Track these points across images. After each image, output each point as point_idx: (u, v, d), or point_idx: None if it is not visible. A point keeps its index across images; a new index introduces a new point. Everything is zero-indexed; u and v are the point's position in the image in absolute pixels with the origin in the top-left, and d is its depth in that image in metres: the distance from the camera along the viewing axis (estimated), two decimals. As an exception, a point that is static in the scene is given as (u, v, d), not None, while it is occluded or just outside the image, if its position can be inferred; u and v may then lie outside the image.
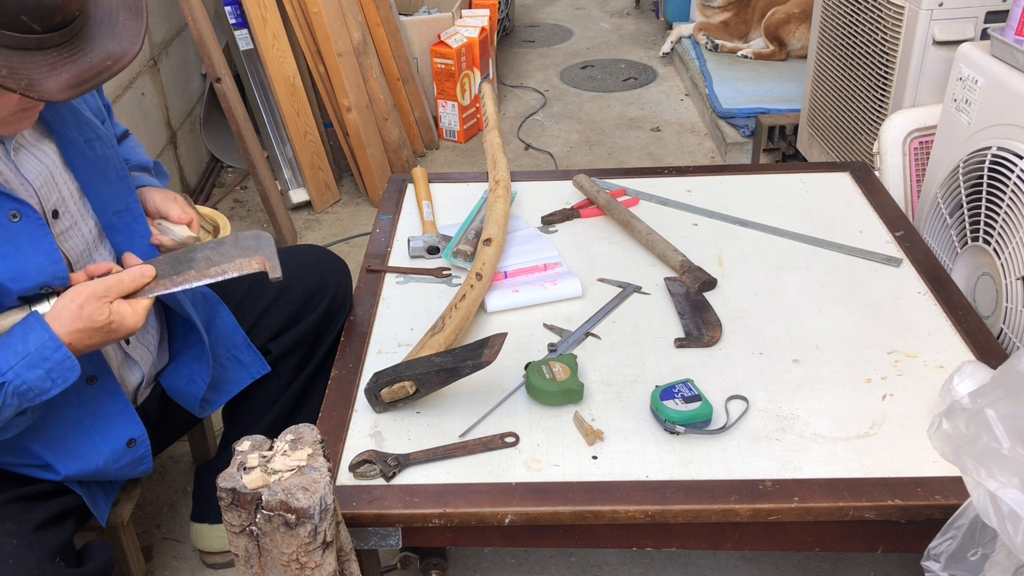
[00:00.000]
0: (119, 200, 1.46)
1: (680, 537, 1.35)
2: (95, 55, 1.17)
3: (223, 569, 1.91)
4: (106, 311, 1.27)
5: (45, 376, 1.23)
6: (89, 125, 1.43)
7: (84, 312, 1.25)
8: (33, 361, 1.22)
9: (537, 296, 1.74)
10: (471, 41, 3.72)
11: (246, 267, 1.38)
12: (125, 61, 1.19)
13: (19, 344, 1.23)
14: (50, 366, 1.23)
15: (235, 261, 1.38)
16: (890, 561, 1.85)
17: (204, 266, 1.37)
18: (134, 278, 1.32)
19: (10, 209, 1.28)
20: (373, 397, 1.46)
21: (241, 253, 1.39)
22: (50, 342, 1.23)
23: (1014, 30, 1.90)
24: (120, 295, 1.30)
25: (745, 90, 3.72)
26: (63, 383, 1.26)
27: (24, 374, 1.22)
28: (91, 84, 1.16)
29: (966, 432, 1.23)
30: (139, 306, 1.31)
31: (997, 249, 1.87)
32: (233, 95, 2.93)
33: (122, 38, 1.20)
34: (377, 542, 1.34)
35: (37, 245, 1.30)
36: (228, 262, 1.38)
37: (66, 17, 1.14)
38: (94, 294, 1.27)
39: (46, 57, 1.13)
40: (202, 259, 1.38)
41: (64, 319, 1.25)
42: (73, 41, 1.16)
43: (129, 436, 1.47)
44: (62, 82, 1.13)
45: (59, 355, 1.24)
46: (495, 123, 2.21)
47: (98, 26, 1.19)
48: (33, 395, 1.24)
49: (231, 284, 1.72)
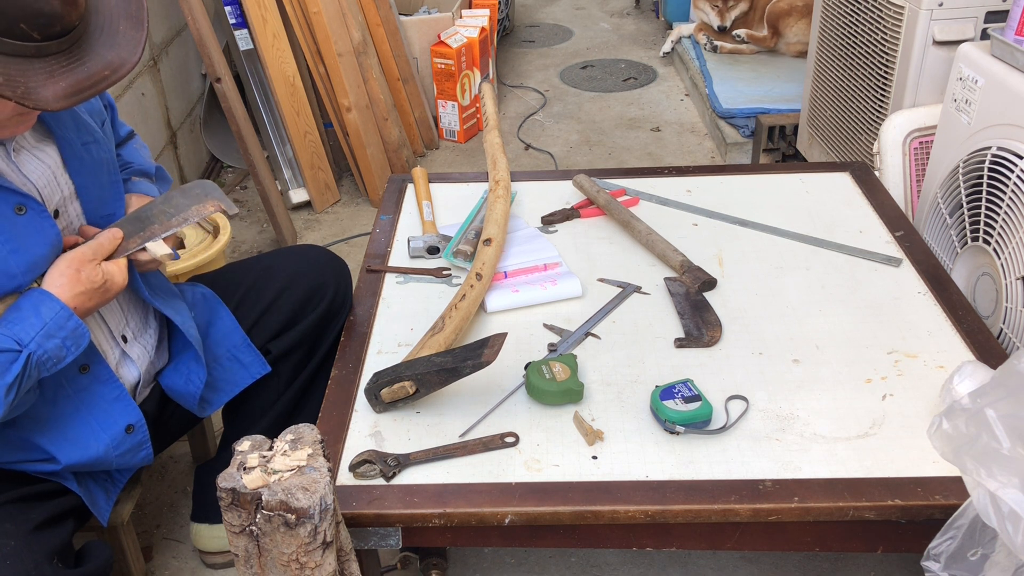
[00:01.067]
0: (108, 204, 1.48)
1: (680, 537, 1.35)
2: (93, 64, 1.17)
3: (223, 569, 1.91)
4: (99, 272, 1.34)
5: (61, 345, 1.29)
6: (87, 128, 1.44)
7: (82, 275, 1.31)
8: (51, 331, 1.27)
9: (537, 296, 1.74)
10: (471, 41, 3.72)
11: (203, 211, 1.43)
12: (124, 71, 1.19)
13: (33, 316, 1.26)
14: (65, 334, 1.29)
15: (191, 209, 1.43)
16: (890, 561, 1.85)
17: (164, 218, 1.42)
18: (110, 240, 1.38)
19: (15, 203, 1.29)
20: (373, 397, 1.46)
21: (193, 201, 1.44)
22: (62, 311, 1.29)
23: (1014, 30, 1.90)
24: (104, 256, 1.36)
25: (745, 90, 3.72)
26: (76, 350, 1.31)
27: (45, 344, 1.27)
28: (88, 93, 1.16)
29: (966, 432, 1.23)
30: (121, 264, 1.38)
31: (997, 249, 1.87)
32: (233, 95, 2.93)
33: (121, 47, 1.20)
34: (377, 542, 1.34)
35: (43, 237, 1.32)
36: (185, 211, 1.42)
37: (65, 26, 1.14)
38: (84, 257, 1.33)
39: (44, 65, 1.13)
40: (159, 214, 1.42)
41: (65, 285, 1.30)
42: (72, 50, 1.16)
43: (127, 422, 1.48)
44: (59, 91, 1.13)
45: (72, 323, 1.30)
46: (495, 123, 2.21)
47: (98, 35, 1.19)
48: (51, 364, 1.29)
49: (231, 284, 1.74)
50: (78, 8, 1.15)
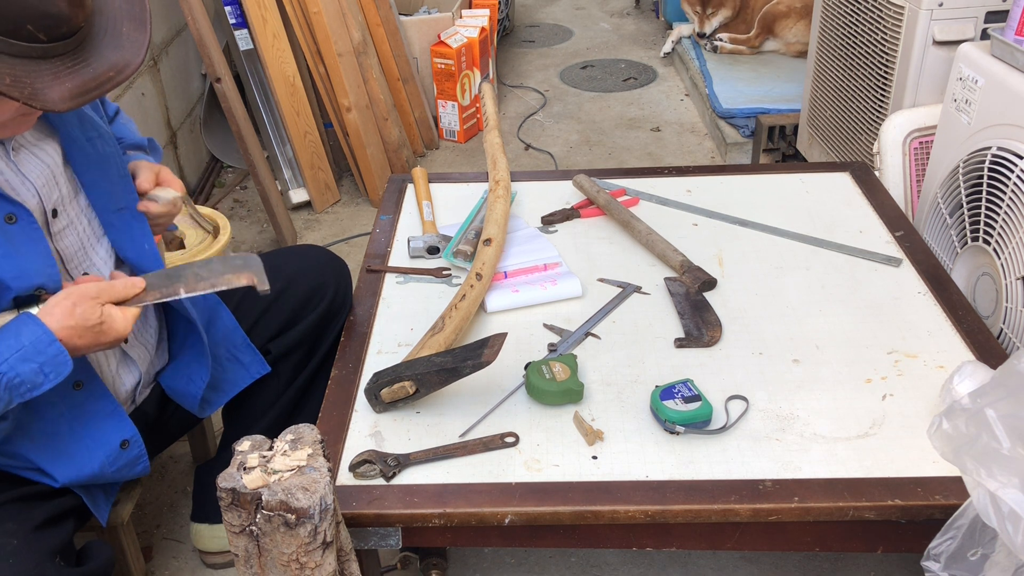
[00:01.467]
0: (119, 198, 1.46)
1: (680, 537, 1.35)
2: (98, 65, 1.17)
3: (223, 569, 1.91)
4: (98, 311, 1.28)
5: (39, 370, 1.24)
6: (91, 123, 1.44)
7: (77, 310, 1.26)
8: (27, 354, 1.22)
9: (537, 296, 1.74)
10: (471, 41, 3.72)
11: (234, 282, 1.40)
12: (128, 72, 1.20)
13: (12, 338, 1.23)
14: (44, 360, 1.24)
15: (223, 277, 1.40)
16: (890, 561, 1.85)
17: (193, 281, 1.39)
18: (125, 287, 1.33)
19: (6, 212, 1.28)
20: (373, 397, 1.46)
21: (229, 270, 1.42)
22: (44, 336, 1.24)
23: (1014, 30, 1.90)
24: (111, 300, 1.31)
25: (745, 90, 3.72)
26: (56, 377, 1.26)
27: (18, 367, 1.22)
28: (94, 94, 1.16)
29: (966, 432, 1.23)
30: (128, 313, 1.32)
31: (997, 249, 1.87)
32: (233, 95, 2.93)
33: (125, 49, 1.20)
34: (377, 542, 1.34)
35: (33, 247, 1.31)
36: (216, 277, 1.40)
37: (71, 27, 1.14)
38: (87, 294, 1.28)
39: (50, 66, 1.13)
40: (191, 275, 1.40)
41: (56, 315, 1.26)
42: (77, 51, 1.16)
43: (121, 438, 1.46)
44: (64, 92, 1.13)
45: (52, 349, 1.24)
46: (495, 123, 2.21)
47: (102, 36, 1.19)
48: (25, 389, 1.24)
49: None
50: (84, 10, 1.16)
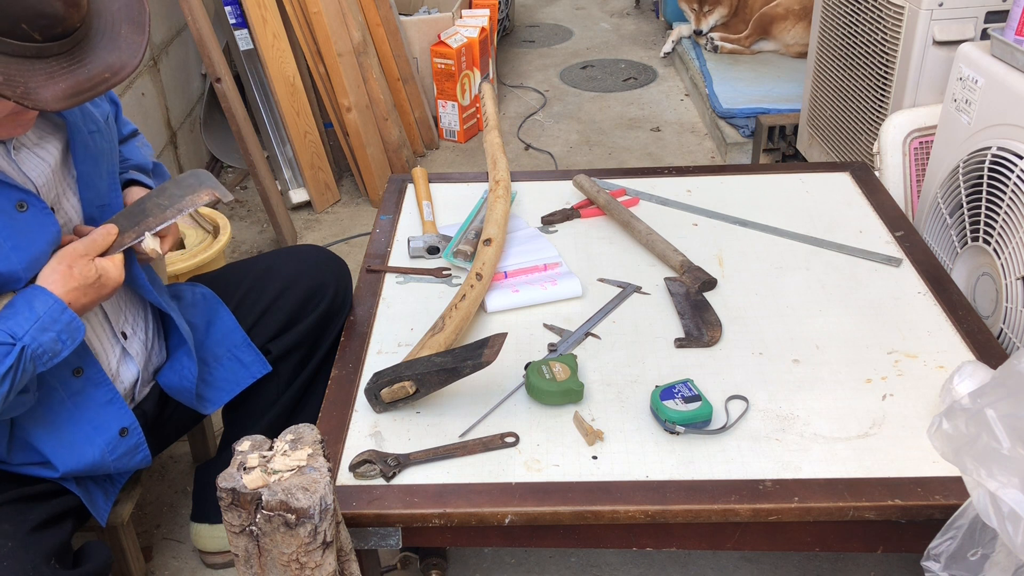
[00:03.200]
0: (105, 194, 1.48)
1: (680, 537, 1.35)
2: (94, 66, 1.18)
3: (223, 569, 1.91)
4: (92, 267, 1.33)
5: (56, 338, 1.29)
6: (92, 118, 1.45)
7: (74, 271, 1.31)
8: (44, 324, 1.27)
9: (537, 296, 1.74)
10: (471, 41, 3.72)
11: (198, 201, 1.42)
12: (124, 74, 1.20)
13: (26, 311, 1.27)
14: (60, 327, 1.29)
15: (186, 199, 1.42)
16: (890, 561, 1.85)
17: (159, 211, 1.41)
18: (104, 236, 1.37)
19: (17, 199, 1.30)
20: (373, 397, 1.46)
21: (187, 191, 1.43)
22: (55, 305, 1.28)
23: (1014, 30, 1.90)
24: (98, 253, 1.35)
25: (745, 90, 3.72)
26: (72, 344, 1.31)
27: (39, 337, 1.26)
28: (88, 95, 1.17)
29: (966, 432, 1.23)
30: (117, 260, 1.37)
31: (997, 249, 1.87)
32: (233, 95, 2.93)
33: (122, 51, 1.21)
34: (377, 542, 1.34)
35: (44, 233, 1.33)
36: (179, 201, 1.42)
37: (67, 28, 1.14)
38: (76, 253, 1.32)
39: (45, 66, 1.13)
40: (153, 206, 1.42)
41: (58, 281, 1.30)
42: (73, 51, 1.16)
43: (120, 425, 1.48)
44: (58, 92, 1.14)
45: (66, 316, 1.30)
46: (495, 123, 2.21)
47: (99, 38, 1.20)
48: (47, 358, 1.29)
49: (231, 284, 1.74)
50: (80, 10, 1.16)
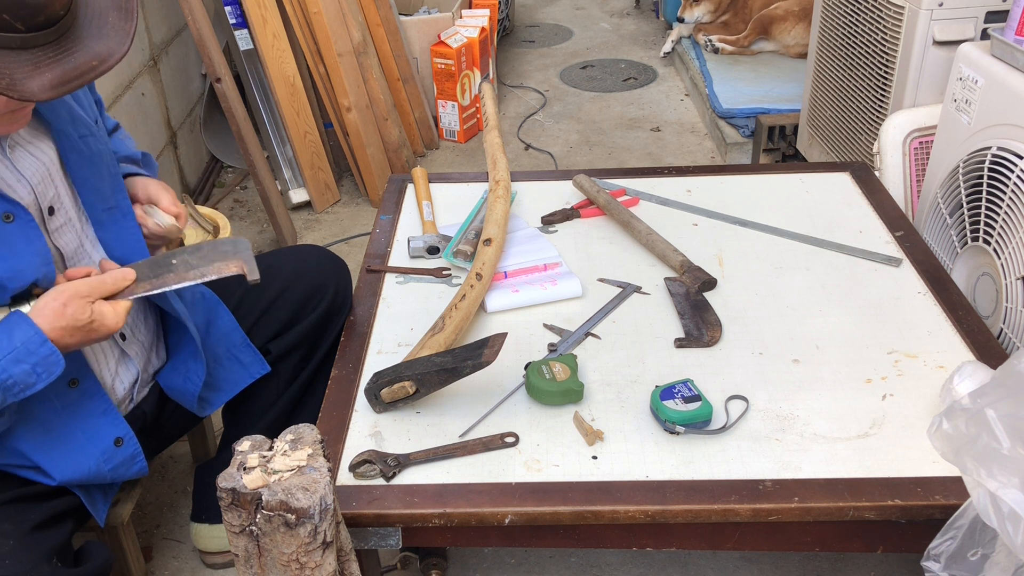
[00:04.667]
0: (110, 197, 1.46)
1: (680, 537, 1.35)
2: (81, 55, 1.16)
3: (223, 569, 1.91)
4: (88, 311, 1.28)
5: (31, 371, 1.24)
6: (83, 122, 1.43)
7: (67, 311, 1.26)
8: (19, 356, 1.23)
9: (537, 296, 1.74)
10: (471, 41, 3.72)
11: (224, 270, 1.40)
12: (111, 62, 1.19)
13: (4, 340, 1.23)
14: (36, 360, 1.24)
15: (213, 264, 1.40)
16: (890, 561, 1.85)
17: (183, 269, 1.39)
18: (115, 280, 1.33)
19: (3, 210, 1.28)
20: (373, 397, 1.46)
21: (219, 257, 1.41)
22: (35, 337, 1.24)
23: (1014, 30, 1.90)
24: (102, 296, 1.31)
25: (745, 90, 3.72)
26: (48, 377, 1.26)
27: (10, 368, 1.23)
28: (75, 84, 1.15)
29: (966, 432, 1.23)
30: (119, 307, 1.33)
31: (997, 249, 1.87)
32: (233, 95, 2.93)
33: (110, 39, 1.19)
34: (377, 542, 1.34)
35: (31, 246, 1.31)
36: (206, 265, 1.40)
37: (49, 17, 1.13)
38: (77, 293, 1.28)
39: (30, 56, 1.12)
40: (180, 263, 1.40)
41: (47, 316, 1.26)
42: (59, 41, 1.15)
43: (115, 435, 1.46)
44: (44, 82, 1.13)
45: (44, 350, 1.25)
46: (495, 123, 2.21)
47: (87, 26, 1.18)
48: (18, 390, 1.25)
49: (231, 284, 1.73)
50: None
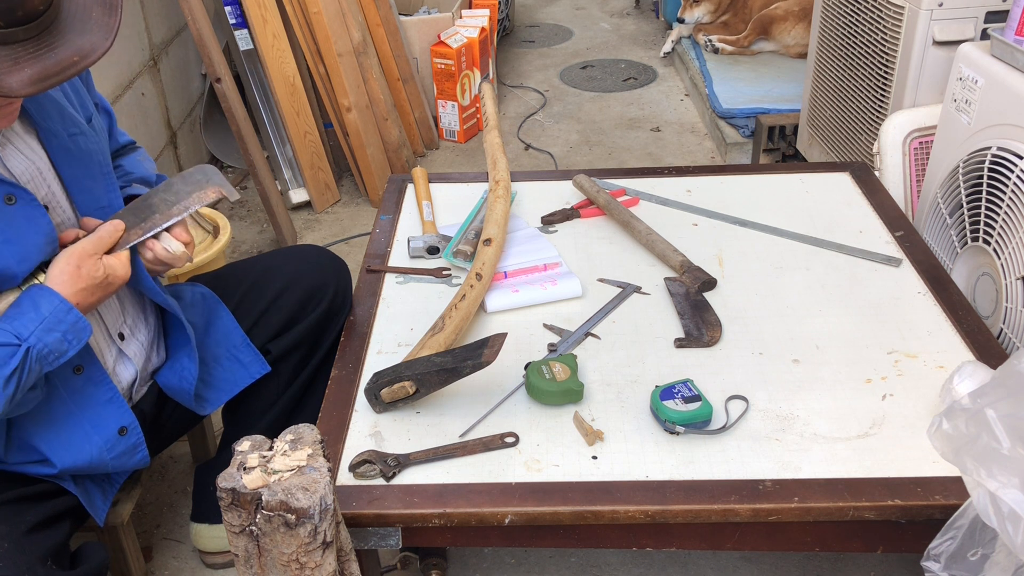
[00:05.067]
0: (102, 196, 1.47)
1: (680, 537, 1.35)
2: (62, 51, 1.16)
3: (223, 569, 1.91)
4: (100, 266, 1.33)
5: (62, 338, 1.29)
6: (73, 121, 1.43)
7: (82, 271, 1.31)
8: (50, 325, 1.27)
9: (537, 296, 1.74)
10: (471, 41, 3.72)
11: (204, 198, 1.42)
12: (93, 57, 1.19)
13: (32, 312, 1.27)
14: (65, 328, 1.29)
15: (192, 196, 1.42)
16: (890, 561, 1.85)
17: (165, 207, 1.41)
18: (111, 232, 1.37)
19: (5, 192, 1.29)
20: (373, 397, 1.46)
21: (194, 188, 1.43)
22: (61, 305, 1.29)
23: (1014, 30, 1.90)
24: (104, 250, 1.35)
25: (745, 90, 3.72)
26: (78, 343, 1.32)
27: (45, 338, 1.27)
28: (56, 80, 1.16)
29: (966, 432, 1.23)
30: (123, 257, 1.38)
31: (997, 249, 1.87)
32: (233, 95, 2.93)
33: (93, 34, 1.19)
34: (377, 542, 1.34)
35: (35, 226, 1.32)
36: (186, 198, 1.42)
37: (29, 12, 1.13)
38: (84, 252, 1.32)
39: (10, 52, 1.12)
40: (160, 202, 1.42)
41: (66, 281, 1.30)
42: (41, 36, 1.15)
43: (120, 424, 1.47)
44: (24, 78, 1.13)
45: (72, 317, 1.30)
46: (495, 123, 2.21)
47: (70, 21, 1.18)
48: (53, 358, 1.29)
49: (231, 284, 1.74)
50: None
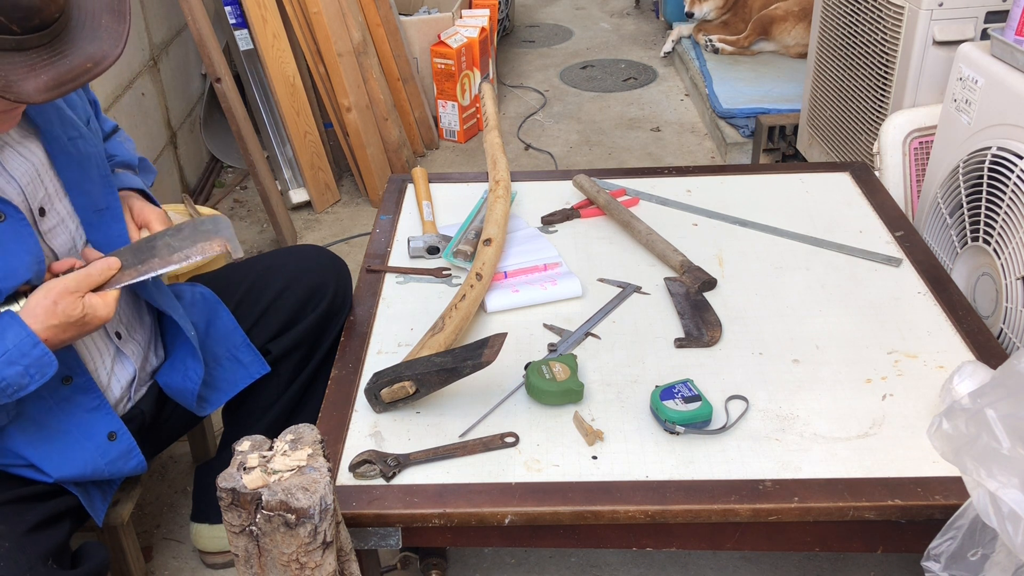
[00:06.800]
0: (100, 199, 1.46)
1: (680, 537, 1.35)
2: (75, 57, 1.17)
3: (223, 569, 1.91)
4: (79, 305, 1.29)
5: (24, 372, 1.25)
6: (72, 124, 1.43)
7: (58, 308, 1.27)
8: (12, 358, 1.24)
9: (537, 296, 1.74)
10: (471, 41, 3.72)
11: (207, 250, 1.39)
12: (105, 64, 1.19)
13: None
14: (28, 362, 1.25)
15: (196, 245, 1.39)
16: (890, 561, 1.85)
17: (166, 253, 1.38)
18: (101, 271, 1.33)
19: None
20: (373, 397, 1.46)
21: (201, 237, 1.40)
22: (27, 339, 1.25)
23: (1014, 30, 1.90)
24: (90, 288, 1.32)
25: (745, 90, 3.72)
26: (41, 378, 1.27)
27: (3, 371, 1.23)
28: (70, 86, 1.16)
29: (966, 432, 1.23)
30: (109, 297, 1.33)
31: (997, 249, 1.87)
32: (233, 95, 2.93)
33: (103, 41, 1.19)
34: (377, 542, 1.34)
35: (23, 244, 1.31)
36: (190, 247, 1.39)
37: (45, 19, 1.13)
38: (66, 289, 1.28)
39: (25, 58, 1.13)
40: (163, 246, 1.39)
41: (39, 315, 1.26)
42: (54, 43, 1.16)
43: (108, 430, 1.46)
44: (40, 84, 1.13)
45: (37, 351, 1.26)
46: (495, 123, 2.21)
47: (80, 28, 1.19)
48: (12, 391, 1.26)
49: (231, 284, 1.74)
50: (57, 2, 1.15)
